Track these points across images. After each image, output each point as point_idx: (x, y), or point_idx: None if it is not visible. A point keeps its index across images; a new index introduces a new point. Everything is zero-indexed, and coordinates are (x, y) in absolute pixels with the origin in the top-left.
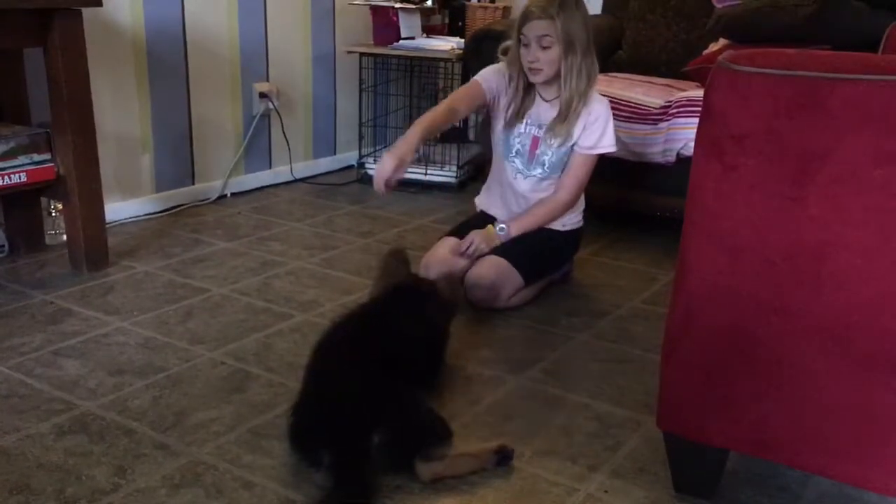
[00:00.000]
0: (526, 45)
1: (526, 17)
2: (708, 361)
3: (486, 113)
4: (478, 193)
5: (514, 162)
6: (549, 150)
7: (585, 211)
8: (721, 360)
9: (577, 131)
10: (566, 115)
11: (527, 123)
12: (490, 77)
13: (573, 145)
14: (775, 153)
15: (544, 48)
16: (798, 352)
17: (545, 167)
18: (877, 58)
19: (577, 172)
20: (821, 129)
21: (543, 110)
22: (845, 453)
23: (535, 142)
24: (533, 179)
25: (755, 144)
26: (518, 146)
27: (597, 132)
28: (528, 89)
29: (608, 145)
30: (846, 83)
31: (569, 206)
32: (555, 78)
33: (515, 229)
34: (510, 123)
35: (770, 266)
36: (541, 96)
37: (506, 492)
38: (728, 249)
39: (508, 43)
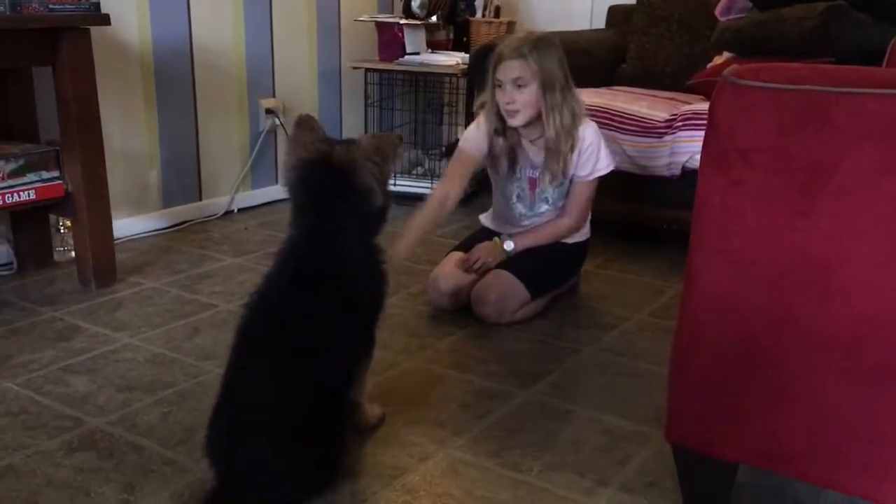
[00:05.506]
0: (500, 88)
1: (498, 59)
2: (716, 374)
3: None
4: (482, 209)
5: (517, 206)
6: (549, 188)
7: (592, 223)
8: (729, 373)
9: (571, 166)
10: (556, 153)
11: (520, 169)
12: (472, 137)
13: (571, 177)
14: (782, 167)
15: (519, 87)
16: (807, 364)
17: (549, 203)
18: (881, 71)
19: (580, 199)
20: (827, 143)
21: (532, 153)
22: (857, 466)
23: (533, 183)
24: (538, 218)
25: (761, 158)
26: (518, 191)
27: (591, 159)
28: (512, 136)
29: (604, 167)
30: (851, 97)
31: (573, 231)
32: (535, 119)
33: (521, 246)
34: (506, 174)
35: (778, 279)
36: (524, 139)
37: None
38: (735, 263)
39: (484, 98)
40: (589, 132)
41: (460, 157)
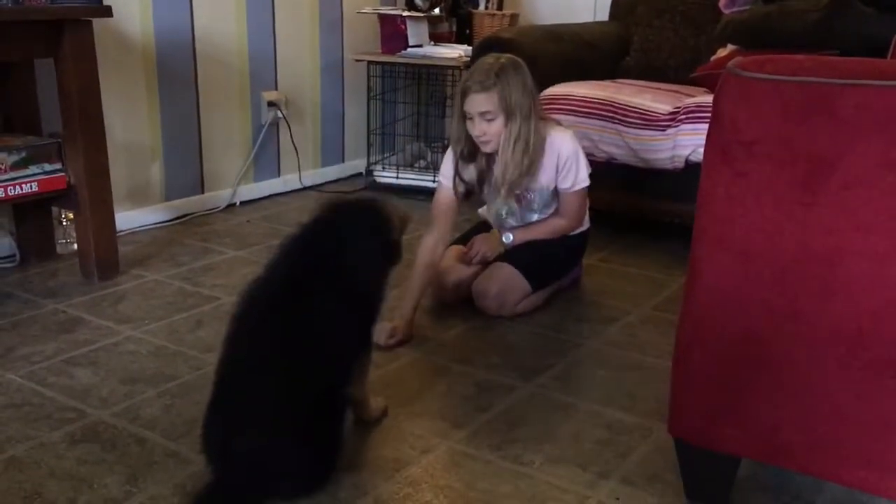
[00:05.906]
0: (471, 120)
1: (465, 92)
2: (719, 368)
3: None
4: (481, 203)
5: (507, 221)
6: (534, 196)
7: (593, 217)
8: (732, 367)
9: (546, 177)
10: (501, 183)
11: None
12: (449, 172)
13: (555, 185)
14: (785, 159)
15: (489, 121)
16: (810, 358)
17: (538, 212)
18: (886, 63)
19: (571, 207)
20: (831, 135)
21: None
22: (859, 459)
23: (519, 197)
24: (530, 223)
25: (765, 150)
26: (505, 210)
27: (571, 173)
28: (486, 157)
29: (583, 180)
30: (856, 89)
31: (570, 230)
32: None
33: (520, 240)
34: (489, 195)
35: (781, 273)
36: (496, 155)
37: (516, 499)
38: (739, 255)
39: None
40: (565, 147)
41: (440, 201)
